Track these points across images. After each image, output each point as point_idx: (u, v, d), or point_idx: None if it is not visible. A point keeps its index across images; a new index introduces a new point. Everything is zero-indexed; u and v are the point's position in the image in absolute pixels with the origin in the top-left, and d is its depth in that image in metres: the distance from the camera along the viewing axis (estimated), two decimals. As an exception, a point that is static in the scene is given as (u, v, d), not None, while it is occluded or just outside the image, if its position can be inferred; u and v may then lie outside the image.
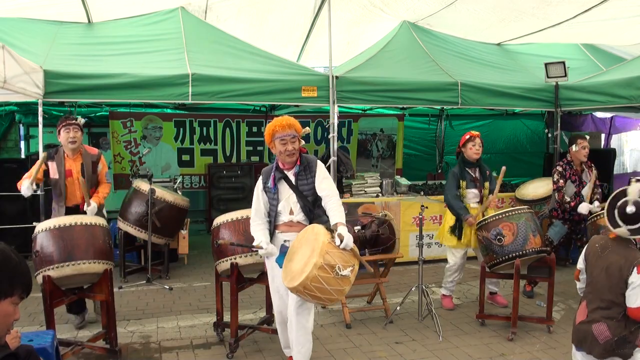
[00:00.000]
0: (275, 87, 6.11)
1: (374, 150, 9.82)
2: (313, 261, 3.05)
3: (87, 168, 4.64)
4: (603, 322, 2.89)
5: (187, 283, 6.12)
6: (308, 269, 3.04)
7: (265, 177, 3.64)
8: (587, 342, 2.97)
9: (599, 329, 2.89)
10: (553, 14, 6.92)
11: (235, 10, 7.57)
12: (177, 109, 8.69)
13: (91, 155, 4.71)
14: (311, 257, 3.10)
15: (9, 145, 8.28)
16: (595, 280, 3.01)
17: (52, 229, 3.88)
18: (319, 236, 3.18)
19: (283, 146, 3.51)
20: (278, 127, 3.50)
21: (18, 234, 6.34)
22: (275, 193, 3.58)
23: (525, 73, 7.76)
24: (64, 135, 4.55)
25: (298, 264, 3.19)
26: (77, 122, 4.61)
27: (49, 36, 6.50)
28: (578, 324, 3.05)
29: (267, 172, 3.68)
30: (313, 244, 3.18)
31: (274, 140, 3.53)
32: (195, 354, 4.19)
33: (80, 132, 4.63)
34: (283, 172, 3.59)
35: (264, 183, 3.63)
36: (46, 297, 3.77)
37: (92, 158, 4.69)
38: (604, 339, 2.88)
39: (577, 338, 3.04)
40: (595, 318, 2.94)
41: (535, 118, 10.24)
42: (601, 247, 3.06)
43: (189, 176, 8.88)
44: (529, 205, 5.90)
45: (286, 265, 3.35)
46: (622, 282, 2.85)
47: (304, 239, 3.35)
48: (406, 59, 7.21)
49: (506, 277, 4.81)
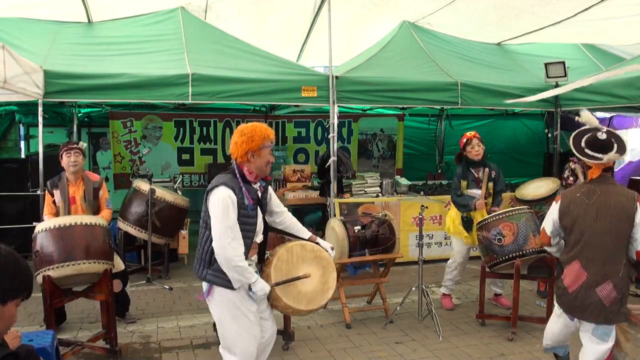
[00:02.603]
0: (275, 87, 6.12)
1: (375, 151, 9.82)
2: (333, 276, 3.20)
3: (89, 195, 4.71)
4: (608, 282, 2.61)
5: (187, 283, 6.11)
6: (331, 286, 3.18)
7: (235, 189, 2.91)
8: (588, 310, 2.69)
9: (605, 291, 2.61)
10: (553, 12, 6.92)
11: (235, 9, 7.57)
12: (177, 108, 8.69)
13: (93, 182, 4.77)
14: (327, 274, 3.19)
15: (9, 145, 8.28)
16: (590, 232, 2.68)
17: (52, 229, 3.87)
18: (322, 253, 3.23)
19: (271, 157, 3.04)
20: (271, 135, 3.02)
21: (18, 234, 6.33)
22: (253, 210, 2.99)
23: (525, 73, 7.76)
24: (66, 160, 4.61)
25: (312, 286, 3.12)
26: (78, 147, 4.68)
27: (49, 36, 6.51)
28: (575, 290, 2.71)
29: (231, 182, 2.93)
30: (319, 262, 3.19)
31: (263, 148, 2.96)
32: (195, 354, 4.19)
33: (82, 157, 4.69)
34: (251, 185, 3.03)
35: (238, 197, 2.90)
36: (46, 297, 3.77)
37: (94, 185, 4.76)
38: (610, 300, 2.60)
39: (575, 306, 2.71)
40: (597, 280, 2.64)
41: (535, 118, 10.25)
42: (585, 194, 2.75)
43: (188, 175, 8.90)
44: (529, 205, 5.88)
45: (288, 292, 3.04)
46: (628, 224, 2.57)
47: (297, 260, 3.12)
48: (406, 59, 7.22)
49: (506, 277, 4.81)
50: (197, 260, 3.07)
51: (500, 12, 7.22)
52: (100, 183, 4.83)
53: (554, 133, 7.58)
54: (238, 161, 3.01)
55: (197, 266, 3.05)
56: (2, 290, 1.71)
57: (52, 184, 4.68)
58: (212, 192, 2.93)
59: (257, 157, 2.97)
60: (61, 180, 4.67)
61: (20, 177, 6.91)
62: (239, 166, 3.00)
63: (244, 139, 2.98)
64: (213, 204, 2.89)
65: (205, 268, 2.99)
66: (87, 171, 4.90)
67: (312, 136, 9.50)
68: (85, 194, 4.68)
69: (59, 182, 4.66)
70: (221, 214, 2.84)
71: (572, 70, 7.23)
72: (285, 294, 3.03)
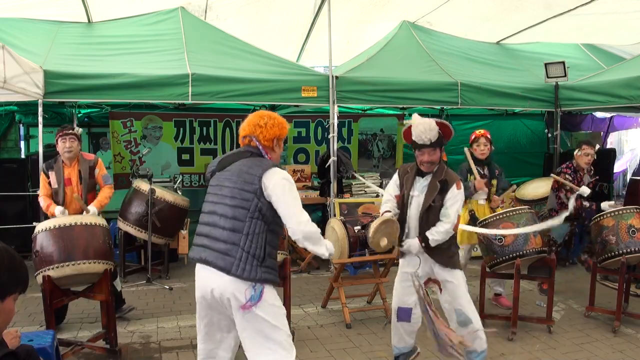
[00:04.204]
0: (275, 87, 6.12)
1: (375, 151, 9.82)
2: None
3: (85, 174, 4.74)
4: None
5: (187, 283, 6.11)
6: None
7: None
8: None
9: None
10: (554, 4, 6.90)
11: (235, 9, 7.57)
12: (177, 108, 8.69)
13: (88, 161, 4.79)
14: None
15: (9, 145, 8.27)
16: None
17: (52, 229, 3.87)
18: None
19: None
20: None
21: (18, 234, 6.34)
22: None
23: (525, 73, 7.76)
24: (61, 145, 4.65)
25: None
26: (74, 132, 4.70)
27: (49, 36, 6.51)
28: None
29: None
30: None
31: (283, 140, 2.96)
32: (195, 354, 4.18)
33: (77, 142, 4.71)
34: None
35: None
36: (46, 297, 3.76)
37: (89, 163, 4.77)
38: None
39: None
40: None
41: (536, 118, 10.23)
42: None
43: (188, 175, 8.90)
44: (529, 205, 5.89)
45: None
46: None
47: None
48: (406, 59, 7.22)
49: (506, 277, 4.81)
50: (241, 260, 2.59)
51: (501, 4, 7.20)
52: (96, 161, 4.85)
53: (554, 133, 7.58)
54: (263, 144, 2.80)
55: (243, 266, 2.58)
56: (0, 286, 1.74)
57: (47, 166, 4.73)
58: (269, 174, 2.66)
59: (278, 147, 2.90)
60: (56, 162, 4.72)
61: (20, 177, 6.91)
62: (265, 150, 2.83)
63: (275, 122, 2.82)
64: (278, 185, 2.64)
65: (258, 266, 2.60)
66: (83, 152, 4.94)
67: (312, 136, 9.49)
68: (81, 173, 4.70)
69: (54, 165, 4.71)
70: (294, 192, 2.69)
71: (572, 69, 7.23)
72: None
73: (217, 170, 2.87)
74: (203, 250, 2.71)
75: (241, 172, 2.72)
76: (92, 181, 4.78)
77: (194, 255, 2.76)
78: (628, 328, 4.71)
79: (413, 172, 3.65)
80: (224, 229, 2.66)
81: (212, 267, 2.64)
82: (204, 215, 2.82)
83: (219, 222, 2.69)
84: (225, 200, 2.70)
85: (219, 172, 2.85)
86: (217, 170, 2.88)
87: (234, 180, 2.72)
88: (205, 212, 2.82)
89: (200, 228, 2.81)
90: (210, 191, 2.86)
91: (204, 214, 2.83)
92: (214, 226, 2.71)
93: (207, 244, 2.71)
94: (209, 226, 2.75)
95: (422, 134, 3.50)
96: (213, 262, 2.64)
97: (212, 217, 2.74)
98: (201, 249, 2.73)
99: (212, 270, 2.64)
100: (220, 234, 2.67)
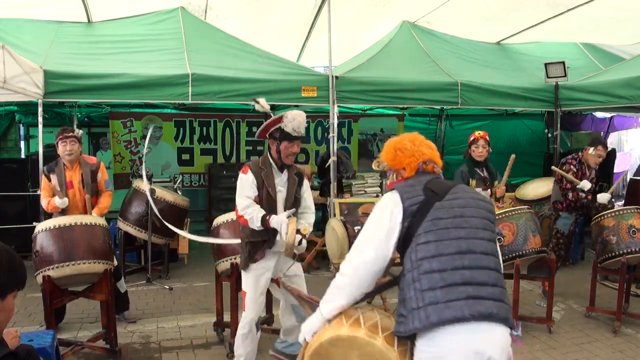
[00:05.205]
0: (275, 87, 6.11)
1: (375, 151, 9.82)
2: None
3: (87, 178, 4.68)
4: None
5: (187, 283, 6.11)
6: None
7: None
8: None
9: None
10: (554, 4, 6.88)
11: (235, 9, 7.57)
12: (177, 108, 8.69)
13: (90, 165, 4.73)
14: None
15: (9, 145, 8.28)
16: None
17: (52, 229, 3.87)
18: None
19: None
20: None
21: (18, 234, 6.33)
22: None
23: (525, 73, 7.76)
24: (62, 148, 4.59)
25: None
26: (74, 135, 4.63)
27: (49, 36, 6.50)
28: None
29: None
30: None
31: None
32: (195, 354, 4.18)
33: (78, 144, 4.65)
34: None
35: None
36: (46, 297, 3.76)
37: (91, 167, 4.72)
38: None
39: None
40: None
41: (536, 118, 10.23)
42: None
43: (188, 175, 8.91)
44: (529, 205, 5.89)
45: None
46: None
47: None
48: (406, 59, 7.22)
49: (506, 277, 4.79)
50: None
51: (501, 4, 7.19)
52: (98, 165, 4.79)
53: (554, 133, 7.57)
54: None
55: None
56: (0, 285, 1.77)
57: (48, 168, 4.67)
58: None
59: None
60: (58, 165, 4.65)
61: (20, 177, 6.91)
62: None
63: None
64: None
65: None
66: (84, 154, 4.89)
67: (312, 136, 9.49)
68: (83, 177, 4.66)
69: (56, 167, 4.64)
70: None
71: (572, 70, 7.23)
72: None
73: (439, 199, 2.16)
74: (475, 302, 1.94)
75: (474, 199, 2.22)
76: (95, 185, 4.73)
77: (458, 313, 1.92)
78: (628, 328, 4.71)
79: (270, 168, 3.55)
80: (490, 270, 2.05)
81: (492, 323, 1.95)
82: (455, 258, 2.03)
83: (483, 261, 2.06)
84: (479, 233, 2.12)
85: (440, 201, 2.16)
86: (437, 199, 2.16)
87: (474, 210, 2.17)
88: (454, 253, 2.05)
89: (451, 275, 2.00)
90: (446, 225, 2.10)
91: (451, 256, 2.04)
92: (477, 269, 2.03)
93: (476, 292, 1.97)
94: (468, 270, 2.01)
95: (300, 125, 3.55)
96: (496, 315, 1.95)
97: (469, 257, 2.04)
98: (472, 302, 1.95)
99: (491, 327, 1.96)
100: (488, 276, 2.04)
